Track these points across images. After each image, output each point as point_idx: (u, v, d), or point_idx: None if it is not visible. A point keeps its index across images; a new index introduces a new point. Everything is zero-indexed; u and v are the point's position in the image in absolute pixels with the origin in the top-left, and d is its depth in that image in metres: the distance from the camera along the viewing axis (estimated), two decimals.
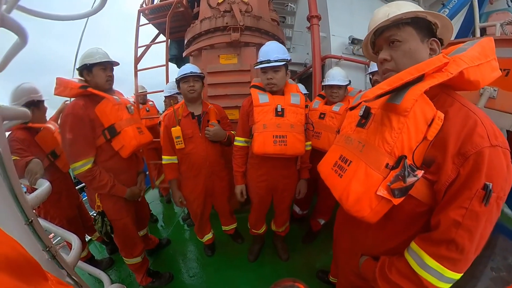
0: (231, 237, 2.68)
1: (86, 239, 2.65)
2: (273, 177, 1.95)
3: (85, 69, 1.72)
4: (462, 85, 0.75)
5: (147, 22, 3.57)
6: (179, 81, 2.01)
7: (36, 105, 2.01)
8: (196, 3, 3.49)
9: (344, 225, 1.18)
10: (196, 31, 2.74)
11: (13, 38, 1.09)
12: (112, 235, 1.90)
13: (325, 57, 4.45)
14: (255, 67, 1.76)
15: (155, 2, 3.75)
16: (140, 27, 3.27)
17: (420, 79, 0.72)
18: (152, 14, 3.53)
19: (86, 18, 4.02)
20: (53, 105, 2.29)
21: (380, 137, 0.78)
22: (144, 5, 3.64)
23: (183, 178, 2.17)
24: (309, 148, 2.00)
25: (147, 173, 3.22)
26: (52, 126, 2.12)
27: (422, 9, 0.82)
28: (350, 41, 4.82)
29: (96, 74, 1.72)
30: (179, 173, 2.17)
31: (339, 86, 2.23)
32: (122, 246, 1.99)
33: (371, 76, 2.30)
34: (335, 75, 2.24)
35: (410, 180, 0.70)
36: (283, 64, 1.70)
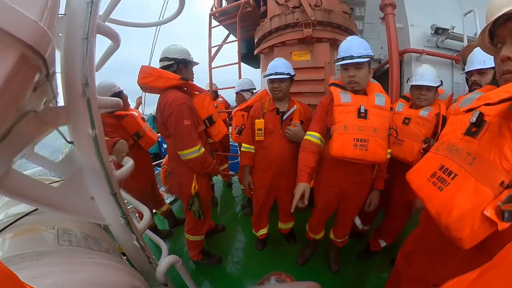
0: (284, 237, 2.64)
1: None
2: (344, 183, 1.80)
3: (183, 63, 1.88)
4: None
5: (218, 24, 3.73)
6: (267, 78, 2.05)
7: (118, 96, 2.31)
8: (262, 2, 3.52)
9: (425, 247, 1.03)
10: (266, 29, 2.72)
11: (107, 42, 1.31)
12: (203, 215, 2.05)
13: (403, 52, 3.88)
14: (336, 63, 1.64)
15: (223, 5, 3.90)
16: (211, 29, 3.43)
17: None
18: (222, 16, 3.68)
19: (159, 26, 4.45)
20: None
21: (496, 151, 0.67)
22: (214, 9, 3.82)
23: (255, 168, 2.23)
24: (389, 156, 1.76)
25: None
26: (135, 113, 2.51)
27: None
28: (433, 31, 4.13)
29: (190, 70, 1.94)
30: (253, 163, 2.23)
31: (429, 88, 1.88)
32: (195, 223, 2.10)
33: (467, 76, 1.90)
34: (425, 74, 1.89)
35: None
36: (367, 61, 1.55)
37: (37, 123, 0.97)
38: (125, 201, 1.40)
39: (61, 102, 1.13)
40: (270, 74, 1.98)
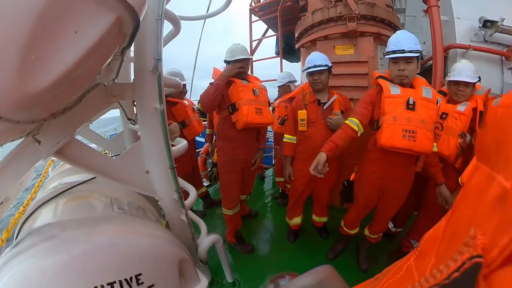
0: (317, 230, 2.68)
1: None
2: (388, 176, 1.83)
3: (227, 63, 2.15)
4: None
5: (257, 19, 3.81)
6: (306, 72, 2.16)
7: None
8: None
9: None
10: (308, 23, 2.76)
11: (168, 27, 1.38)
12: (215, 181, 2.45)
13: (448, 47, 3.65)
14: (386, 56, 1.69)
15: (261, 1, 3.97)
16: (251, 24, 3.53)
17: None
18: (261, 11, 3.75)
19: (204, 20, 4.62)
20: None
21: None
22: (253, 4, 3.90)
23: (296, 158, 2.32)
24: (436, 149, 1.77)
25: None
26: (186, 102, 2.73)
27: None
28: (481, 25, 3.82)
29: (231, 66, 2.10)
30: (295, 153, 2.32)
31: (466, 84, 1.87)
32: (223, 195, 2.38)
33: None
34: (463, 70, 1.89)
35: None
36: (417, 56, 1.59)
37: (105, 95, 1.09)
38: None
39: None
40: (309, 68, 2.09)
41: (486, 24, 3.85)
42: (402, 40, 1.61)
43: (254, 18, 3.76)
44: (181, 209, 1.37)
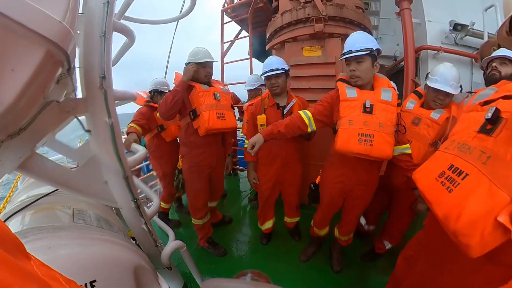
0: (290, 232, 2.68)
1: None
2: (350, 180, 1.79)
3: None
4: None
5: (230, 20, 3.75)
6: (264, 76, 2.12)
7: (160, 93, 2.72)
8: None
9: (428, 253, 0.98)
10: (278, 25, 2.73)
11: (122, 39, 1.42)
12: (182, 190, 2.41)
13: (419, 49, 3.76)
14: (339, 59, 1.67)
15: (235, 1, 3.92)
16: (223, 25, 3.47)
17: None
18: (234, 12, 3.70)
19: (177, 21, 4.55)
20: None
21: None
22: (226, 5, 3.84)
23: (259, 163, 2.30)
24: (409, 151, 1.70)
25: None
26: None
27: None
28: (451, 28, 3.96)
29: (198, 70, 2.03)
30: (257, 158, 2.29)
31: (447, 94, 1.75)
32: (190, 204, 2.34)
33: (483, 67, 1.84)
34: (448, 78, 1.73)
35: None
36: (367, 54, 1.53)
37: (59, 112, 1.09)
38: (138, 190, 1.51)
39: (79, 95, 1.25)
40: (266, 72, 2.05)
41: (457, 27, 3.97)
42: (353, 41, 1.57)
43: (227, 19, 3.70)
44: (140, 218, 1.39)
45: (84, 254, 0.94)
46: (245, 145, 2.23)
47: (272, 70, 2.02)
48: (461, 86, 1.81)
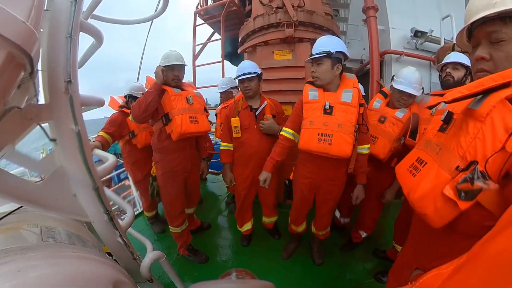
0: (269, 232, 2.72)
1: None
2: (318, 176, 1.90)
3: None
4: None
5: (203, 22, 3.75)
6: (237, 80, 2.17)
7: (134, 98, 2.65)
8: (247, 2, 3.55)
9: (412, 236, 1.12)
10: (250, 29, 2.78)
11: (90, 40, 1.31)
12: (157, 198, 2.31)
13: (383, 53, 4.07)
14: (305, 62, 1.77)
15: (209, 3, 3.93)
16: (196, 27, 3.45)
17: (506, 86, 0.65)
18: (207, 15, 3.70)
19: (151, 21, 4.44)
20: None
21: (456, 141, 0.75)
22: (199, 7, 3.83)
23: (235, 164, 2.34)
24: (366, 151, 1.88)
25: None
26: None
27: None
28: (412, 34, 4.34)
29: (166, 74, 2.03)
30: (233, 159, 2.34)
31: (410, 95, 1.90)
32: (166, 212, 2.29)
33: (439, 71, 1.99)
34: (412, 80, 1.88)
35: (478, 184, 0.65)
36: (325, 56, 1.62)
37: (21, 119, 1.00)
38: (110, 202, 1.41)
39: (42, 100, 1.14)
40: (239, 76, 2.11)
41: (417, 34, 4.33)
42: (316, 46, 1.69)
43: (200, 21, 3.69)
44: (114, 231, 1.30)
45: (57, 274, 0.86)
46: (221, 147, 2.30)
47: (245, 74, 2.07)
48: (423, 88, 1.98)
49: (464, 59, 1.85)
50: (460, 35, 0.88)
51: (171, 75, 2.04)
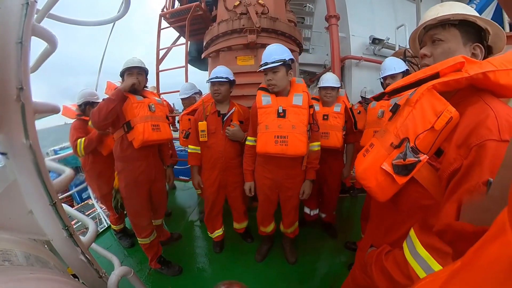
0: (241, 236, 2.73)
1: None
2: (277, 176, 1.98)
3: (122, 75, 2.06)
4: (498, 89, 0.74)
5: (168, 25, 3.69)
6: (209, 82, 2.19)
7: (92, 104, 2.61)
8: (214, 7, 3.56)
9: (370, 218, 1.25)
10: (214, 33, 2.79)
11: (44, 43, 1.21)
12: (122, 210, 2.26)
13: (344, 58, 4.33)
14: (257, 70, 1.83)
15: (175, 7, 3.89)
16: (161, 30, 3.40)
17: (436, 76, 0.77)
18: (173, 18, 3.65)
19: (113, 23, 4.27)
20: None
21: (394, 124, 0.89)
22: (165, 10, 3.78)
23: (202, 168, 2.36)
24: (317, 148, 2.02)
25: None
26: None
27: (476, 13, 0.83)
28: (370, 41, 4.67)
29: (126, 78, 2.02)
30: (200, 162, 2.36)
31: (332, 88, 2.44)
32: (132, 224, 2.23)
33: (382, 80, 2.33)
34: (329, 78, 2.48)
35: (410, 159, 0.76)
36: (281, 64, 1.73)
37: None
38: (68, 216, 1.29)
39: None
40: (211, 78, 2.15)
41: (375, 41, 4.66)
42: (269, 53, 1.77)
43: (165, 24, 3.64)
44: (75, 248, 1.20)
45: None
46: (189, 150, 2.34)
47: (217, 78, 2.10)
48: (341, 82, 2.53)
49: (399, 66, 2.20)
50: (413, 42, 1.06)
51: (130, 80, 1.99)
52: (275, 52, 1.76)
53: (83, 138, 2.40)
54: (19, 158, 1.03)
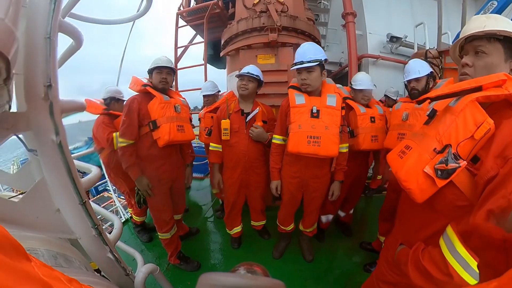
0: (258, 232, 2.73)
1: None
2: (305, 175, 1.97)
3: (150, 72, 2.08)
4: None
5: (185, 24, 3.69)
6: (238, 77, 2.19)
7: (117, 100, 2.77)
8: (231, 5, 3.55)
9: (398, 216, 1.26)
10: (233, 32, 2.78)
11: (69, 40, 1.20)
12: (144, 205, 2.31)
13: (361, 57, 4.25)
14: (291, 69, 1.79)
15: (191, 5, 3.88)
16: (178, 29, 3.40)
17: (479, 89, 0.83)
18: (190, 16, 3.66)
19: (132, 22, 4.29)
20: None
21: (435, 130, 0.93)
22: (181, 8, 3.78)
23: (224, 166, 2.33)
24: (345, 150, 1.99)
25: None
26: None
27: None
28: (388, 39, 4.58)
29: (154, 76, 2.04)
30: (222, 160, 2.34)
31: (368, 91, 2.34)
32: (154, 220, 2.24)
33: (406, 83, 2.20)
34: (364, 80, 2.32)
35: (451, 165, 0.81)
36: (317, 65, 1.70)
37: None
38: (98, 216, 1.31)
39: (14, 107, 1.05)
40: (243, 72, 2.14)
41: (393, 39, 4.57)
42: (303, 52, 1.74)
43: (182, 23, 3.64)
44: (103, 246, 1.20)
45: None
46: (210, 148, 2.33)
47: (248, 73, 2.11)
48: (374, 84, 2.38)
49: (424, 69, 2.03)
50: (454, 49, 1.09)
51: (159, 77, 2.02)
52: (310, 51, 1.73)
53: (117, 132, 2.41)
54: (48, 155, 1.02)
